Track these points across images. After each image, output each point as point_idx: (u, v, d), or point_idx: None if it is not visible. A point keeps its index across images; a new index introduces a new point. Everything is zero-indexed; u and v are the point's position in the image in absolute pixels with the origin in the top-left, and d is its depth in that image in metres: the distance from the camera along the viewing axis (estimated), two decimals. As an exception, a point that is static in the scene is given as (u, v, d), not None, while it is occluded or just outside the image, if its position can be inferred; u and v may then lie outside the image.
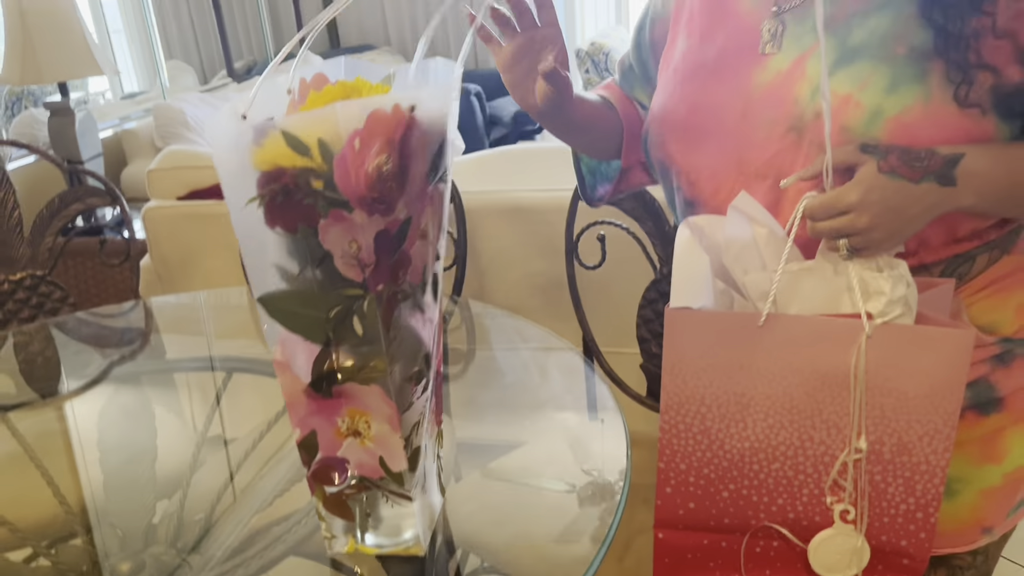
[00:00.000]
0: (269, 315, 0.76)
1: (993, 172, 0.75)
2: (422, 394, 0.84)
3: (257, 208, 0.71)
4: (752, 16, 0.85)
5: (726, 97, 0.85)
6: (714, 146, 0.87)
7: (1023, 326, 0.86)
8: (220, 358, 1.63)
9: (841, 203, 0.75)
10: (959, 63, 0.74)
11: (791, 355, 0.80)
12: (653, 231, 1.49)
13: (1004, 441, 0.88)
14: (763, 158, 0.83)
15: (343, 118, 0.67)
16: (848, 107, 0.76)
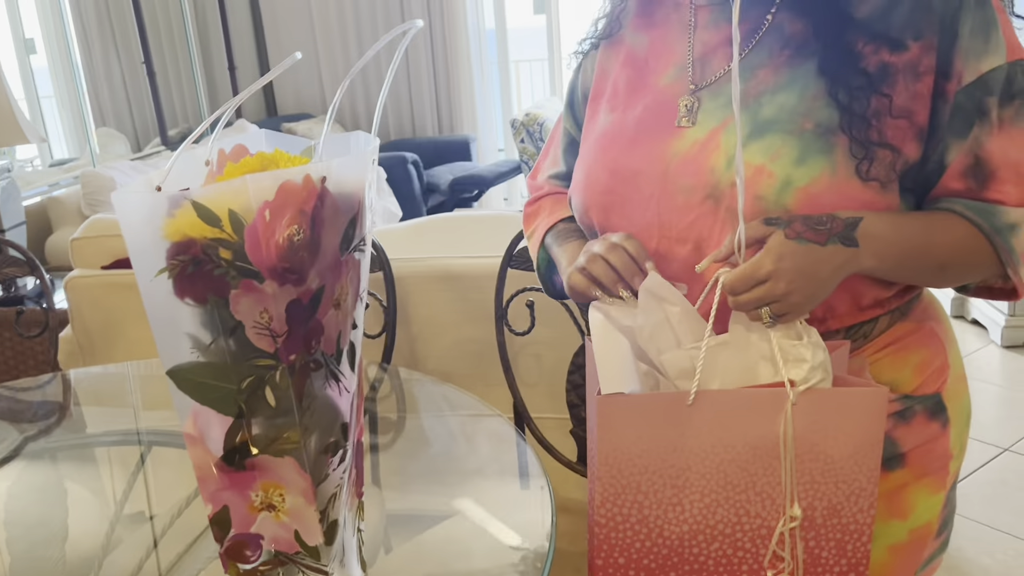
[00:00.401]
0: (178, 388, 0.74)
1: (890, 236, 0.80)
2: (339, 465, 0.83)
3: (167, 279, 0.70)
4: (670, 90, 0.90)
5: (645, 164, 0.88)
6: (635, 212, 0.90)
7: (921, 384, 0.90)
8: (143, 431, 1.58)
9: (758, 273, 0.78)
10: (861, 140, 0.79)
11: (722, 430, 0.81)
12: None
13: (908, 497, 0.91)
14: (683, 223, 0.86)
15: (254, 189, 0.68)
16: (761, 177, 0.81)
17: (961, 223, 0.82)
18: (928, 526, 0.92)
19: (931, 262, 0.83)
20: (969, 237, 0.82)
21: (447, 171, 4.79)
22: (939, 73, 0.79)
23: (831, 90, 0.80)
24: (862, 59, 0.79)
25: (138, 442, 1.53)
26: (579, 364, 1.52)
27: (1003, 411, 2.69)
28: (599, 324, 0.86)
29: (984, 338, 3.21)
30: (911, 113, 0.80)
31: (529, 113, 4.50)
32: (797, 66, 0.82)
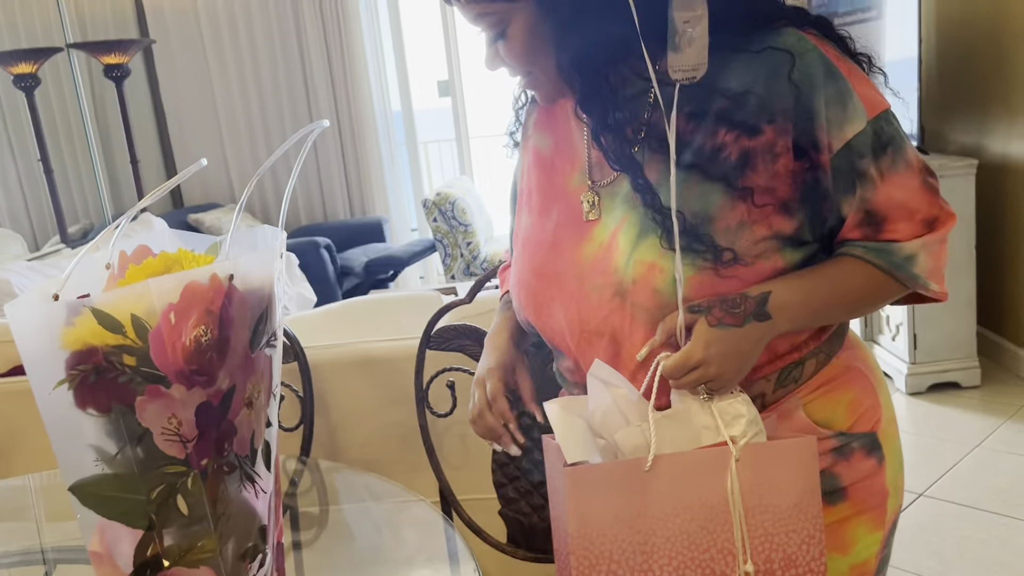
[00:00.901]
0: (83, 504, 0.71)
1: (799, 300, 0.89)
2: (258, 570, 0.80)
3: (67, 391, 0.68)
4: (579, 192, 0.97)
5: (565, 267, 0.96)
6: (559, 309, 0.97)
7: (856, 422, 0.96)
8: (47, 548, 1.49)
9: (690, 362, 0.87)
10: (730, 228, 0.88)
11: (679, 491, 0.87)
12: None
13: (849, 531, 0.95)
14: (598, 318, 0.93)
15: (158, 293, 0.66)
16: (654, 272, 0.89)
17: (863, 267, 0.90)
18: (867, 564, 0.96)
19: (842, 308, 0.93)
20: (873, 277, 0.90)
21: (361, 253, 4.77)
22: (808, 147, 0.86)
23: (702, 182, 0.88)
24: (724, 149, 0.87)
25: (42, 561, 1.44)
26: None
27: (915, 457, 2.79)
28: (556, 414, 0.93)
29: (889, 387, 3.34)
30: (772, 191, 0.87)
31: (440, 193, 4.56)
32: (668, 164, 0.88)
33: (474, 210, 4.68)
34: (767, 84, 0.85)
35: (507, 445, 1.11)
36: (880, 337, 3.44)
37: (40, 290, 0.70)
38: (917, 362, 3.20)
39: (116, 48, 4.16)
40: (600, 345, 0.94)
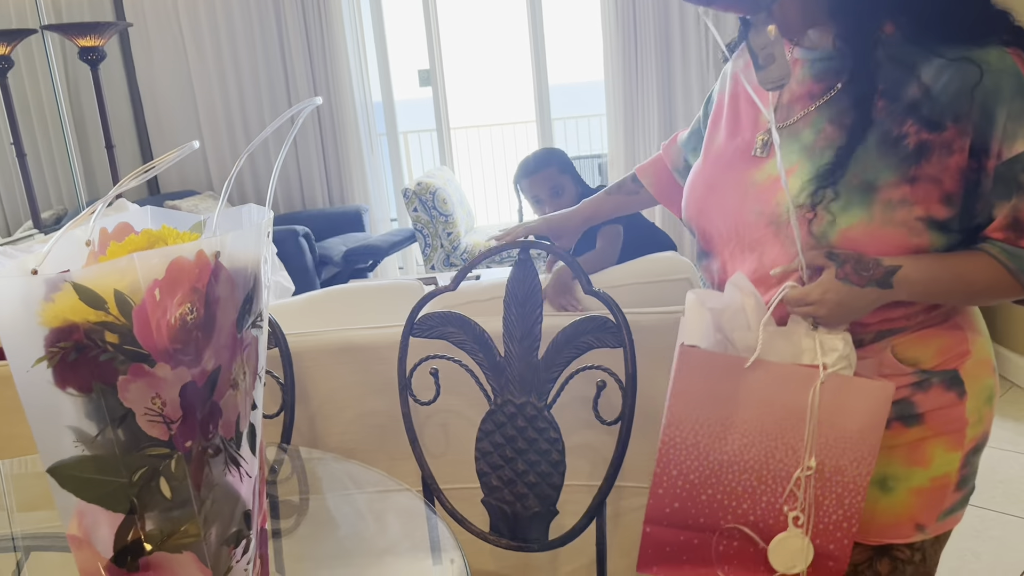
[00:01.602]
0: (61, 486, 0.69)
1: (922, 279, 1.01)
2: (242, 556, 0.78)
3: (46, 369, 0.65)
4: (763, 125, 1.12)
5: (730, 186, 1.13)
6: (719, 219, 1.15)
7: (939, 364, 1.08)
8: (20, 535, 1.46)
9: (807, 299, 1.03)
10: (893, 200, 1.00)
11: (766, 391, 1.06)
12: (485, 362, 1.50)
13: (927, 449, 1.09)
14: (752, 237, 1.10)
15: (142, 268, 0.64)
16: (816, 215, 1.02)
17: (994, 265, 1.01)
18: (946, 477, 1.10)
19: (960, 296, 1.06)
20: (1000, 277, 1.02)
21: (340, 242, 4.73)
22: (979, 151, 0.97)
23: (879, 158, 1.00)
24: (906, 137, 0.99)
25: (13, 548, 1.41)
26: (487, 431, 1.50)
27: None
28: (691, 302, 1.12)
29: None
30: (939, 181, 0.99)
31: (421, 182, 4.53)
32: (855, 133, 1.02)
33: (455, 200, 4.65)
34: (953, 91, 0.96)
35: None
36: None
37: (18, 265, 0.67)
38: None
39: (91, 31, 4.07)
40: (749, 259, 1.10)
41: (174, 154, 0.73)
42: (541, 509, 1.46)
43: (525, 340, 1.45)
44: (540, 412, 1.44)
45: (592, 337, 1.40)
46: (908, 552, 1.12)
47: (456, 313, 1.52)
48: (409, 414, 1.59)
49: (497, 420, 1.49)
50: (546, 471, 1.45)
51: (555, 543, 1.45)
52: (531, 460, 1.46)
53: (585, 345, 1.41)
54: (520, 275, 1.47)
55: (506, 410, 1.48)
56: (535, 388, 1.45)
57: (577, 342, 1.41)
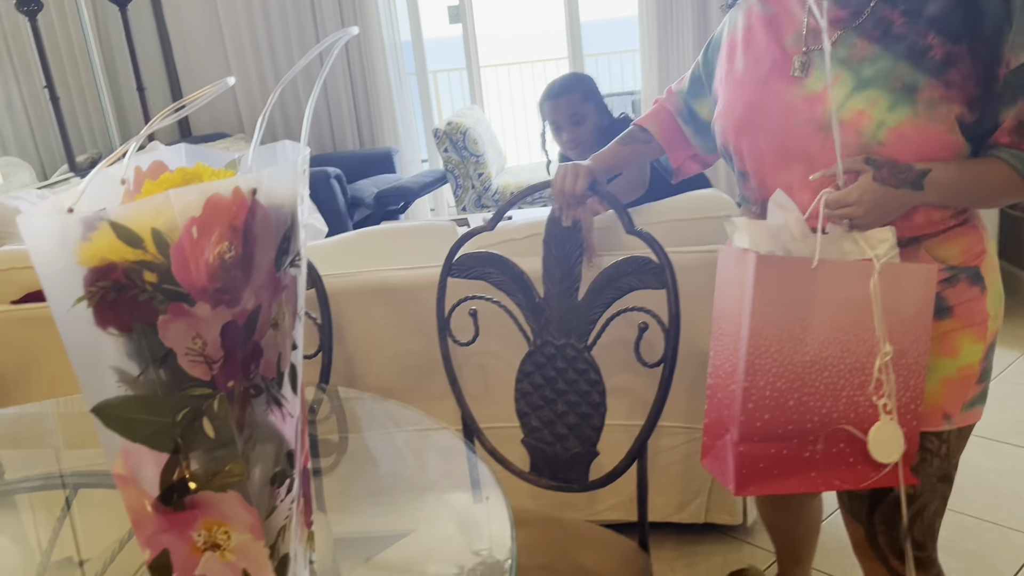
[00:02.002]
0: (106, 426, 0.69)
1: (949, 182, 1.12)
2: (286, 496, 0.78)
3: (86, 308, 0.65)
4: (791, 50, 1.22)
5: (771, 102, 1.21)
6: (760, 135, 1.22)
7: (964, 260, 1.20)
8: (67, 473, 1.49)
9: (846, 200, 1.11)
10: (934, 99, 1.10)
11: (834, 288, 1.12)
12: (524, 303, 1.48)
13: (956, 340, 1.20)
14: (799, 146, 1.18)
15: (179, 205, 0.63)
16: (863, 119, 1.12)
17: (1005, 168, 1.12)
18: (971, 368, 1.21)
19: (978, 198, 1.17)
20: (1011, 180, 1.13)
21: (371, 184, 4.71)
22: (991, 60, 1.08)
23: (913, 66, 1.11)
24: (931, 49, 1.10)
25: (62, 485, 1.44)
26: (526, 372, 1.49)
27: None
28: (743, 223, 1.18)
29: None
30: (963, 87, 1.09)
31: (451, 122, 4.47)
32: (887, 46, 1.13)
33: (485, 140, 4.59)
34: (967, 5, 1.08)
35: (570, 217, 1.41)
36: None
37: (54, 203, 0.66)
38: (937, 295, 3.16)
39: (119, -30, 4.03)
40: (797, 168, 1.19)
41: (209, 90, 0.71)
42: (581, 450, 1.45)
43: (565, 281, 1.43)
44: (580, 353, 1.43)
45: (634, 278, 1.37)
46: (936, 442, 1.22)
47: (495, 253, 1.50)
48: (448, 355, 1.58)
49: (536, 361, 1.48)
50: (586, 412, 1.44)
51: (596, 484, 1.45)
52: (571, 401, 1.45)
53: (627, 286, 1.38)
54: (560, 214, 1.44)
55: (545, 351, 1.46)
56: (575, 330, 1.43)
57: (618, 283, 1.38)
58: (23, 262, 2.06)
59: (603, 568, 1.32)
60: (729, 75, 1.31)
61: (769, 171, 1.23)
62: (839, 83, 1.15)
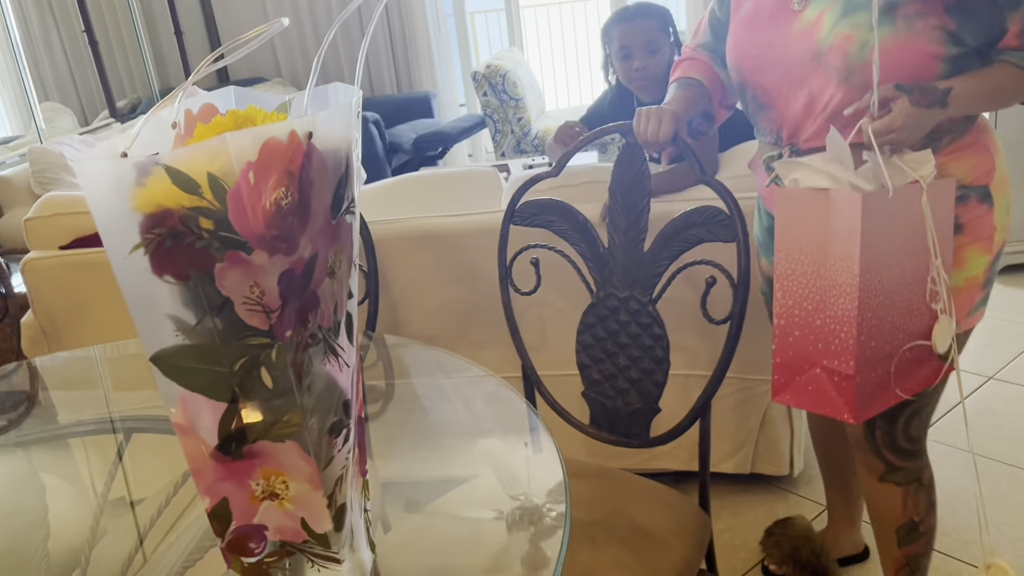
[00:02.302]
0: (164, 375, 0.68)
1: (969, 95, 1.18)
2: (343, 445, 0.77)
3: (142, 256, 0.63)
4: None
5: (775, 38, 1.30)
6: (771, 68, 1.31)
7: (974, 179, 1.28)
8: (119, 417, 1.51)
9: (893, 126, 1.15)
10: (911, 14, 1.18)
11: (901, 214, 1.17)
12: (587, 253, 1.43)
13: (965, 254, 1.29)
14: (800, 75, 1.27)
15: (235, 150, 0.60)
16: (849, 43, 1.21)
17: (1015, 72, 1.20)
18: (976, 278, 1.30)
19: (994, 102, 1.25)
20: (1021, 81, 1.21)
21: (409, 129, 4.67)
22: None
23: None
24: None
25: (112, 430, 1.46)
26: (588, 324, 1.45)
27: (985, 339, 2.70)
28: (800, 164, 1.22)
29: (960, 268, 3.22)
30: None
31: (490, 65, 4.39)
32: None
33: (525, 84, 4.51)
34: None
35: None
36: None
37: (108, 148, 0.64)
38: (991, 243, 3.07)
39: (154, -89, 3.98)
40: (801, 95, 1.28)
41: (264, 30, 0.68)
42: (642, 406, 1.42)
43: (631, 231, 1.38)
44: (644, 307, 1.38)
45: (703, 230, 1.31)
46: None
47: (559, 201, 1.45)
48: (510, 304, 1.55)
49: (599, 313, 1.44)
50: (649, 368, 1.40)
51: (657, 440, 1.42)
52: (633, 356, 1.41)
53: (695, 238, 1.32)
54: (627, 160, 1.38)
55: (608, 303, 1.42)
56: (639, 282, 1.38)
57: (686, 234, 1.33)
58: (70, 207, 2.07)
59: (661, 528, 1.30)
60: (739, 17, 1.39)
61: (783, 103, 1.31)
62: (830, 12, 1.24)
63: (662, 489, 1.40)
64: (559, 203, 1.44)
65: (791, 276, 1.25)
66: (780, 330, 1.26)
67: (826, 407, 1.24)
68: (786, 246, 1.24)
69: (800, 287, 1.24)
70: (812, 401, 1.26)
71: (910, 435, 1.39)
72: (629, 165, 1.37)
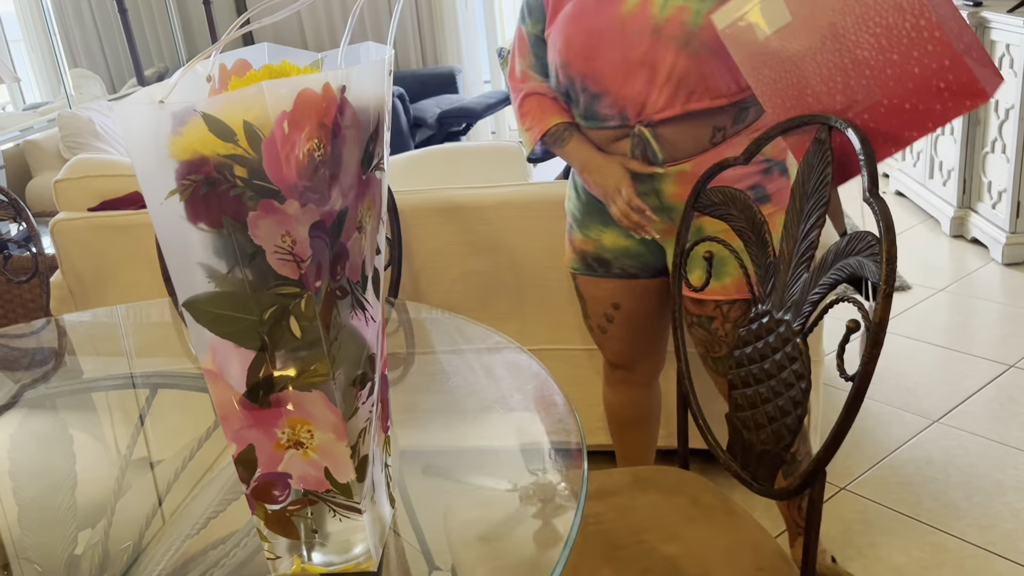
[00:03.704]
0: (196, 320, 0.69)
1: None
2: (367, 398, 0.78)
3: (178, 202, 0.65)
4: None
5: (606, 24, 1.37)
6: (605, 54, 1.38)
7: (775, 155, 1.45)
8: (142, 374, 1.54)
9: None
10: None
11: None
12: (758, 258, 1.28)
13: (775, 220, 1.44)
14: (639, 53, 1.36)
15: (271, 98, 0.61)
16: (684, 12, 1.33)
17: None
18: None
19: None
20: None
21: (434, 104, 4.67)
22: None
23: None
24: None
25: (132, 385, 1.48)
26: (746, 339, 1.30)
27: (1007, 328, 2.69)
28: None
29: (984, 256, 3.19)
30: None
31: (517, 41, 4.37)
32: None
33: (551, 61, 4.49)
34: None
35: (649, 232, 1.45)
36: (979, 204, 3.26)
37: (146, 94, 0.65)
38: (1018, 231, 3.03)
39: None
40: (641, 73, 1.37)
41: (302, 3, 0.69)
42: (772, 448, 1.24)
43: (802, 243, 1.20)
44: (793, 337, 1.19)
45: (859, 262, 1.09)
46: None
47: (745, 194, 1.30)
48: (680, 298, 1.41)
49: (757, 331, 1.27)
50: (785, 408, 1.21)
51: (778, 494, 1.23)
52: (775, 389, 1.23)
53: (849, 269, 1.11)
54: (817, 160, 1.19)
55: (766, 321, 1.25)
56: (795, 306, 1.20)
57: (843, 263, 1.12)
58: (98, 171, 2.09)
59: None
60: (563, 15, 1.45)
61: (621, 84, 1.38)
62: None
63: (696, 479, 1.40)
64: (744, 197, 1.29)
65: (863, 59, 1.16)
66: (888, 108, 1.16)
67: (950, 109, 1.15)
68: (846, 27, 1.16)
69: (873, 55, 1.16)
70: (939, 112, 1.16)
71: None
72: (815, 165, 1.19)
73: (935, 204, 3.54)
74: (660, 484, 1.39)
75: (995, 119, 3.09)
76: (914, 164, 3.76)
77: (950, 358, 2.54)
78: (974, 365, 2.48)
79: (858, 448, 2.13)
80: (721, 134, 1.42)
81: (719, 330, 1.49)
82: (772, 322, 1.24)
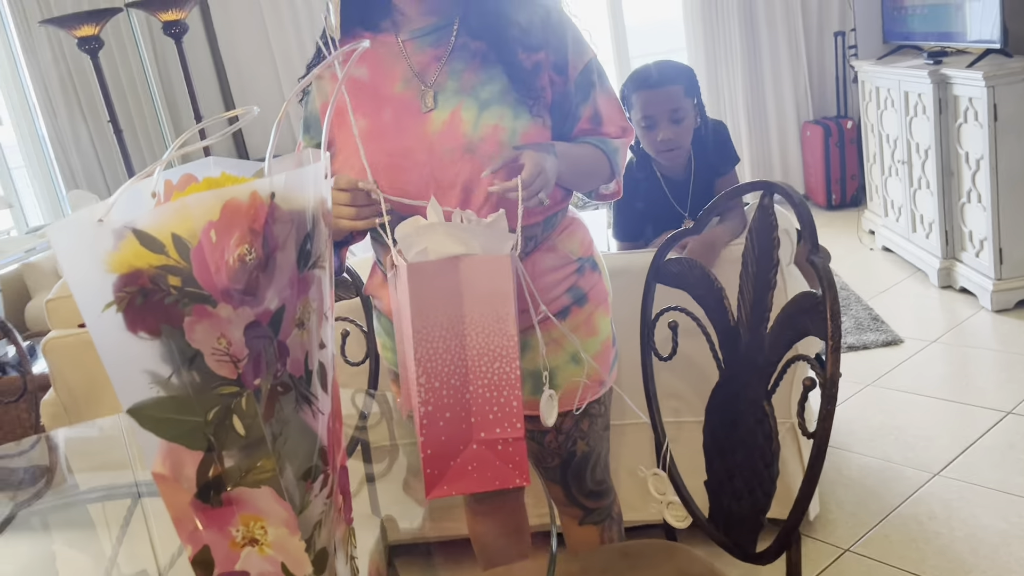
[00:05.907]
0: (141, 426, 0.72)
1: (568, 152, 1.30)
2: (320, 491, 0.80)
3: (115, 313, 0.68)
4: (405, 94, 1.30)
5: (413, 142, 1.28)
6: (412, 175, 1.27)
7: (583, 252, 1.39)
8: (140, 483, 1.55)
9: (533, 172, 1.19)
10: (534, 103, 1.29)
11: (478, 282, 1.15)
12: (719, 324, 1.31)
13: (595, 320, 1.38)
14: (451, 173, 1.27)
15: (197, 210, 0.65)
16: (499, 132, 1.27)
17: (594, 150, 1.35)
18: (608, 338, 1.41)
19: (583, 169, 1.36)
20: (599, 157, 1.36)
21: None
22: (560, 67, 1.31)
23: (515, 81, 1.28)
24: (524, 62, 1.29)
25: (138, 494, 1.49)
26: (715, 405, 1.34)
27: (1002, 375, 2.68)
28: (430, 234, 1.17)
29: (974, 305, 3.19)
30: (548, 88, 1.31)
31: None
32: (489, 68, 1.29)
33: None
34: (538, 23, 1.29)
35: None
36: (963, 254, 3.29)
37: (87, 214, 0.69)
38: (1003, 277, 3.05)
39: (172, 4, 4.17)
40: (453, 195, 1.26)
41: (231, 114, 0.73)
42: (750, 514, 1.25)
43: (757, 307, 1.22)
44: (759, 399, 1.21)
45: (808, 319, 1.11)
46: (598, 406, 1.41)
47: (698, 263, 1.35)
48: (651, 366, 1.45)
49: (724, 396, 1.29)
50: (759, 470, 1.22)
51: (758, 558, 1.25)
52: (749, 453, 1.24)
53: (802, 329, 1.13)
54: (763, 224, 1.22)
55: (732, 386, 1.28)
56: (758, 369, 1.21)
57: (795, 324, 1.14)
58: (88, 286, 2.14)
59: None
60: (348, 138, 1.29)
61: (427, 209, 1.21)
62: (464, 108, 1.27)
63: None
64: (699, 266, 1.34)
65: (433, 355, 1.13)
66: (428, 417, 1.13)
67: (494, 480, 1.15)
68: (423, 323, 1.12)
69: (445, 364, 1.13)
70: (477, 480, 1.15)
71: (597, 479, 1.46)
72: (764, 230, 1.22)
73: (921, 257, 3.57)
74: (649, 558, 1.38)
75: (967, 170, 3.15)
76: (896, 219, 3.81)
77: (947, 409, 2.53)
78: (971, 414, 2.46)
79: (861, 507, 2.10)
80: (533, 242, 1.32)
81: (552, 443, 1.40)
82: (739, 385, 1.26)
